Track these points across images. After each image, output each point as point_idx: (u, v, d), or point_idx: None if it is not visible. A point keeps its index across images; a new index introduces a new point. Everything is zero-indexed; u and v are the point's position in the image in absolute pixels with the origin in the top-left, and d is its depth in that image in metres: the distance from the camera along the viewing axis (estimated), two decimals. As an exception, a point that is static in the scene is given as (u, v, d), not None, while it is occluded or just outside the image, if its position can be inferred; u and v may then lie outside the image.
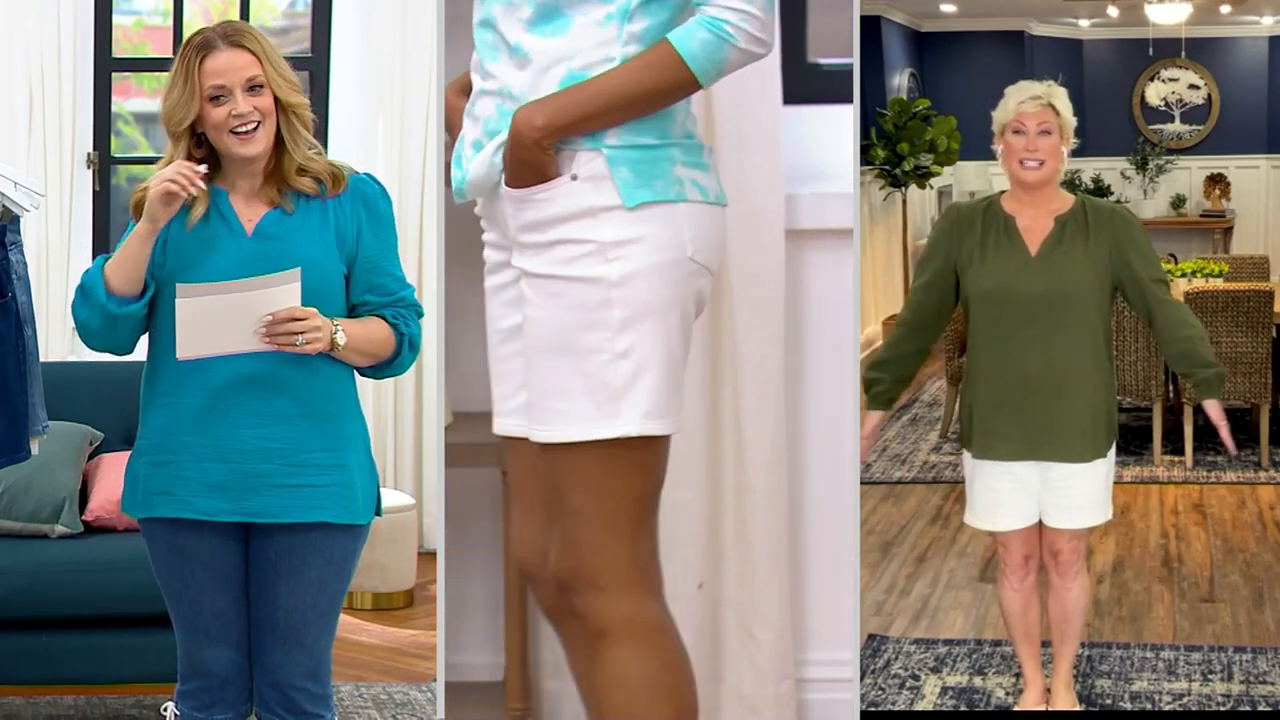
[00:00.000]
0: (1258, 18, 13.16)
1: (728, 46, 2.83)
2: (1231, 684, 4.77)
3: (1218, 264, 8.53)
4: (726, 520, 3.99)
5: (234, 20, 3.17)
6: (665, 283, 2.88)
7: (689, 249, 2.89)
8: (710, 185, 2.95)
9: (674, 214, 2.89)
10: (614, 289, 2.87)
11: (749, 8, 2.82)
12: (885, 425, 8.55)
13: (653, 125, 2.90)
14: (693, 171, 2.92)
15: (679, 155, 2.92)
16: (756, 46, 2.85)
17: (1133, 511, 6.84)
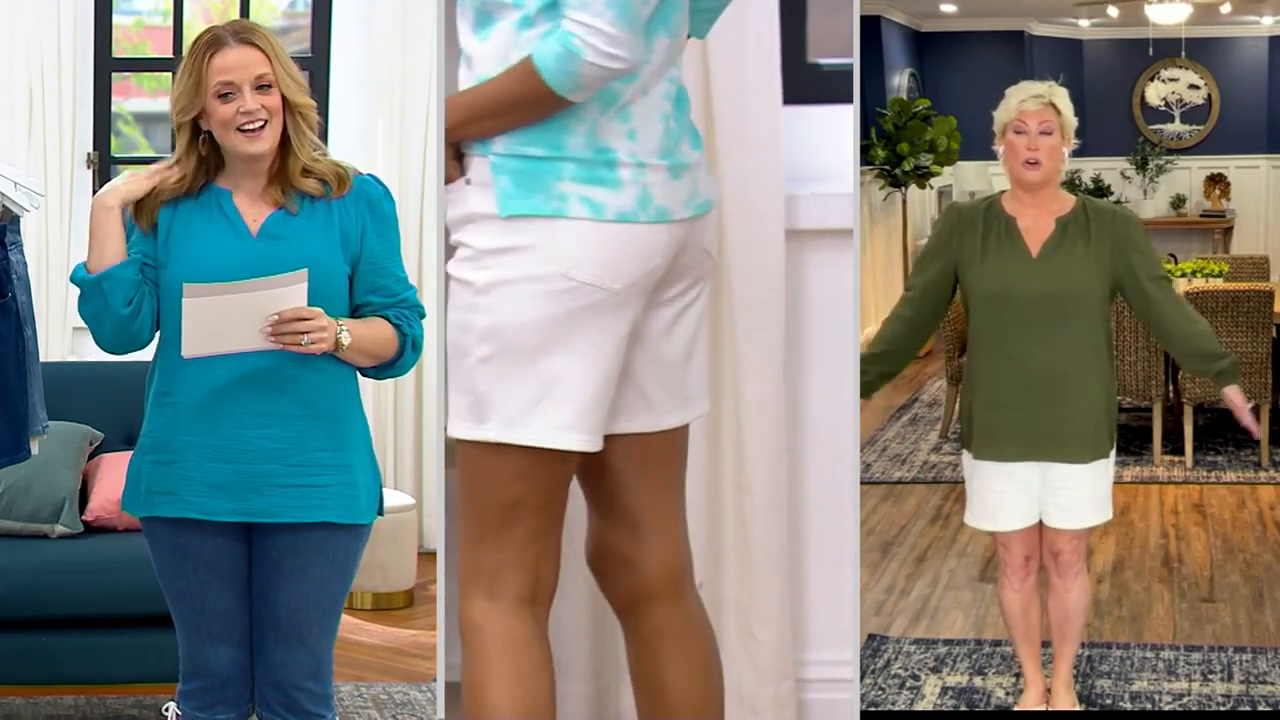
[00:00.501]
0: (1258, 18, 13.16)
1: (578, 60, 2.81)
2: (1231, 684, 4.77)
3: (1218, 264, 8.53)
4: (726, 520, 3.99)
5: (245, 19, 3.18)
6: (533, 297, 2.87)
7: (566, 265, 2.87)
8: (612, 201, 2.90)
9: (552, 229, 2.88)
10: (479, 295, 2.90)
11: (596, 22, 2.80)
12: (885, 425, 8.56)
13: (543, 136, 2.90)
14: (586, 187, 2.89)
15: (570, 169, 2.89)
16: (607, 61, 2.81)
17: (1133, 511, 6.84)
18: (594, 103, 2.91)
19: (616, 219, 2.90)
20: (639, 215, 2.92)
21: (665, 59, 2.99)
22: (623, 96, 2.92)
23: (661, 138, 2.98)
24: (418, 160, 6.45)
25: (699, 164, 3.06)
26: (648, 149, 2.95)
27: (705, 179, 3.09)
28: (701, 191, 3.06)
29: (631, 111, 2.94)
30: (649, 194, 2.94)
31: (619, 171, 2.92)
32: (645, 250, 2.94)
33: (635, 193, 2.92)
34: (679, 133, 3.02)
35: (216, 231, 3.12)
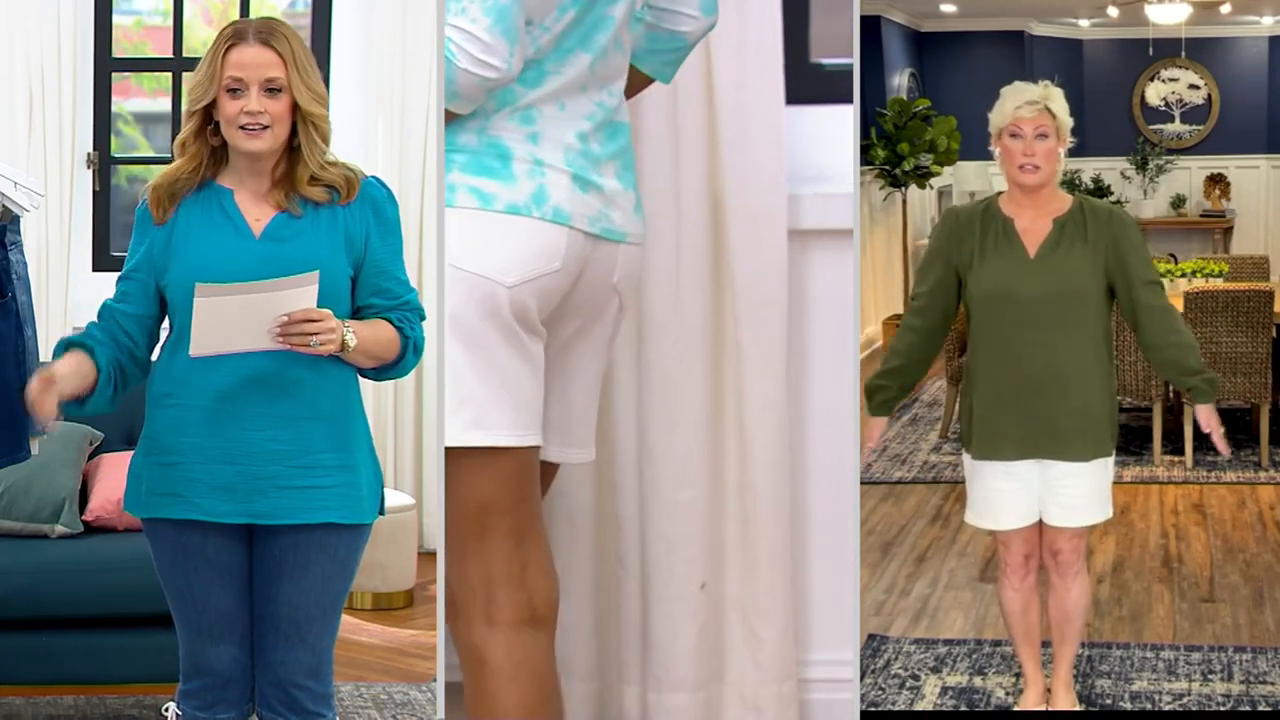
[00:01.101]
0: (1258, 18, 13.15)
1: (453, 67, 2.80)
2: (1231, 684, 4.77)
3: (1218, 264, 8.53)
4: (729, 519, 3.99)
5: (274, 18, 3.16)
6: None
7: (452, 254, 2.86)
8: (502, 193, 2.88)
9: (445, 221, 2.89)
10: None
11: (470, 28, 2.78)
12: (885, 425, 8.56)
13: (447, 133, 2.90)
14: (476, 178, 2.88)
15: (460, 160, 2.88)
16: (479, 68, 2.80)
17: (1133, 511, 6.84)
18: (491, 100, 2.89)
19: (506, 210, 2.87)
20: (532, 210, 2.88)
21: (585, 77, 2.94)
22: (522, 98, 2.90)
23: (570, 149, 2.94)
24: (418, 160, 6.45)
25: (619, 195, 3.00)
26: (551, 154, 2.91)
27: (627, 212, 3.02)
28: (615, 219, 2.99)
29: (535, 116, 2.91)
30: (546, 192, 2.89)
31: (513, 165, 2.89)
32: (541, 248, 2.89)
33: (530, 188, 2.89)
34: (601, 156, 2.98)
35: (219, 233, 3.12)
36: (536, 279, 2.88)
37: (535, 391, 2.94)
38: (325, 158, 3.15)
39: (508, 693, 2.95)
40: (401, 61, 6.46)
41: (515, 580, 2.98)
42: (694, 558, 3.96)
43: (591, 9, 2.94)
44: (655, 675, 3.93)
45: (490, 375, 2.89)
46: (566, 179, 2.90)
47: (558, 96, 2.92)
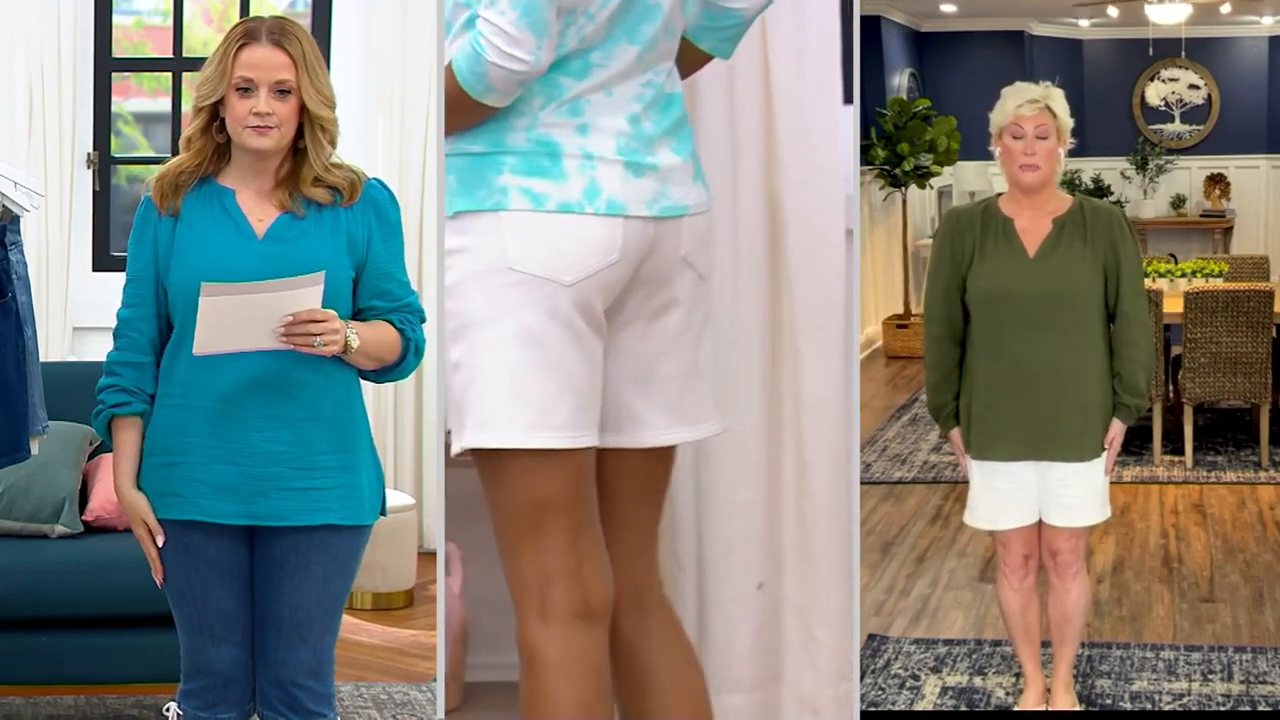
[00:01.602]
0: (1258, 18, 13.15)
1: (482, 60, 2.78)
2: (1231, 684, 4.77)
3: (1218, 264, 8.54)
4: (787, 521, 3.93)
5: (286, 18, 3.15)
6: (486, 293, 2.84)
7: (510, 257, 2.83)
8: (555, 192, 2.85)
9: (495, 222, 2.84)
10: (448, 299, 2.89)
11: (499, 21, 2.76)
12: (885, 425, 8.57)
13: (483, 132, 2.87)
14: (527, 179, 2.85)
15: (510, 162, 2.85)
16: (507, 61, 2.77)
17: (1133, 511, 6.84)
18: (537, 96, 2.86)
19: (560, 209, 2.85)
20: (585, 206, 2.85)
21: (632, 66, 2.92)
22: (569, 90, 2.87)
23: (621, 135, 2.91)
24: (418, 160, 6.45)
25: (676, 168, 2.96)
26: (602, 145, 2.89)
27: (685, 185, 2.98)
28: (673, 195, 2.95)
29: (584, 107, 2.89)
30: (598, 186, 2.87)
31: (563, 163, 2.87)
32: (597, 243, 2.86)
33: (582, 184, 2.86)
34: (654, 135, 2.94)
35: (222, 233, 3.12)
36: (595, 274, 2.86)
37: (595, 390, 2.92)
38: (330, 159, 3.15)
39: (563, 689, 2.90)
40: (401, 61, 6.46)
41: (572, 576, 2.93)
42: (751, 559, 3.90)
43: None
44: (713, 676, 3.84)
45: (553, 376, 2.85)
46: (619, 168, 2.88)
47: (605, 86, 2.90)
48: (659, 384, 3.01)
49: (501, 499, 2.92)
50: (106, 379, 3.18)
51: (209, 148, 3.14)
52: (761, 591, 3.92)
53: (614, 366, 2.97)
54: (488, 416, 2.86)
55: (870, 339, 11.05)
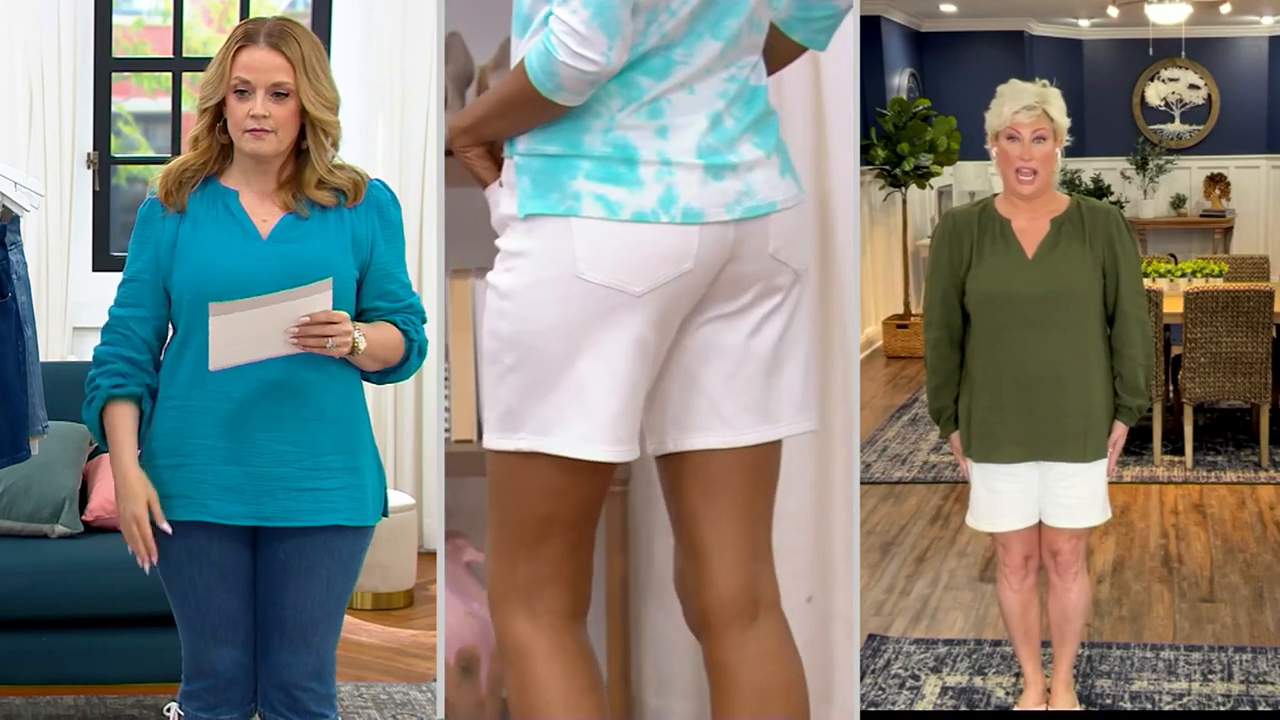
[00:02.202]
0: (1258, 18, 13.15)
1: (553, 58, 2.70)
2: (1231, 684, 4.77)
3: (1218, 264, 8.54)
4: (836, 533, 3.85)
5: (288, 19, 3.14)
6: (551, 300, 2.77)
7: (579, 266, 2.76)
8: (629, 200, 2.77)
9: (566, 228, 2.77)
10: (504, 300, 2.80)
11: (571, 20, 2.69)
12: (885, 425, 8.57)
13: (560, 134, 2.80)
14: (602, 185, 2.77)
15: (586, 166, 2.78)
16: (578, 62, 2.69)
17: (1133, 511, 6.84)
18: (615, 98, 2.79)
19: (633, 219, 2.77)
20: (660, 216, 2.78)
21: (715, 61, 2.84)
22: (649, 91, 2.80)
23: (703, 136, 2.83)
24: (418, 160, 6.45)
25: (760, 163, 2.88)
26: (681, 148, 2.81)
27: (769, 178, 2.89)
28: (759, 193, 2.87)
29: (664, 108, 2.81)
30: (674, 193, 2.79)
31: (639, 170, 2.79)
32: (670, 253, 2.79)
33: (658, 192, 2.79)
34: (737, 131, 2.86)
35: (226, 234, 3.12)
36: (667, 284, 2.80)
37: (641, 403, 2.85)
38: (332, 161, 3.15)
39: (559, 678, 2.88)
40: (401, 61, 6.46)
41: (565, 580, 2.91)
42: (800, 571, 3.81)
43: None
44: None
45: (618, 390, 2.80)
46: (698, 173, 2.81)
47: (687, 83, 2.83)
48: (747, 381, 2.93)
49: (512, 503, 2.88)
50: (95, 369, 3.15)
51: (214, 147, 3.14)
52: (809, 605, 3.85)
53: (699, 365, 2.91)
54: (549, 423, 2.80)
55: (870, 339, 11.05)
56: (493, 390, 2.85)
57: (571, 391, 2.79)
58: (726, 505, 2.94)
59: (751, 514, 2.97)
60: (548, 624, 2.90)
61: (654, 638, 3.94)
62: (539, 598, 2.90)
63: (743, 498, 2.95)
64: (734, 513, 2.95)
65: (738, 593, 2.96)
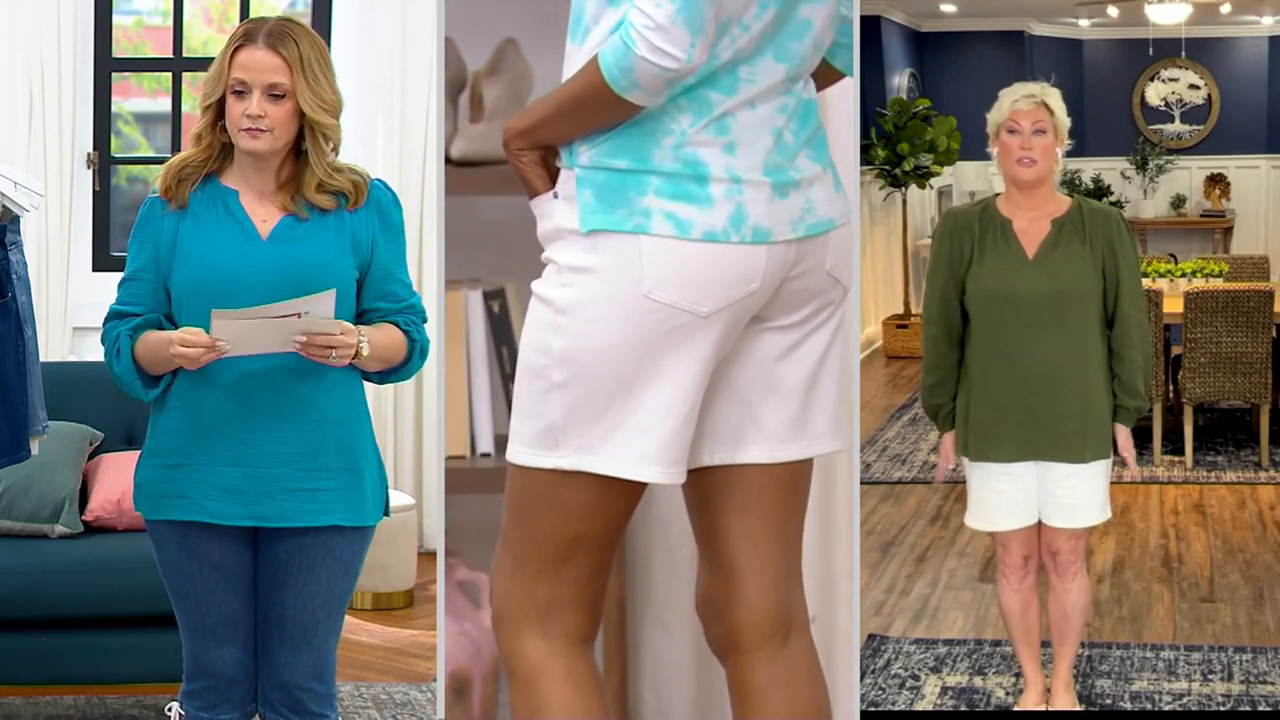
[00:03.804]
0: (1258, 18, 13.16)
1: (631, 53, 2.61)
2: (1231, 684, 4.77)
3: (1218, 264, 8.54)
4: (839, 553, 3.83)
5: (290, 19, 3.14)
6: (615, 319, 2.68)
7: (646, 285, 2.68)
8: (700, 219, 2.69)
9: (633, 245, 2.68)
10: (560, 315, 2.71)
11: (655, 13, 2.60)
12: (885, 425, 8.57)
13: (629, 147, 2.71)
14: (672, 203, 2.69)
15: (656, 183, 2.70)
16: (657, 57, 2.60)
17: (1133, 511, 6.85)
18: (686, 113, 2.72)
19: (704, 238, 2.69)
20: (730, 235, 2.71)
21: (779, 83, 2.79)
22: (718, 106, 2.73)
23: (769, 153, 2.76)
24: (418, 160, 6.45)
25: (817, 178, 2.82)
26: (749, 164, 2.74)
27: (827, 195, 2.84)
28: (819, 210, 2.81)
29: (731, 124, 2.74)
30: (744, 212, 2.72)
31: (710, 187, 2.71)
32: (739, 272, 2.73)
33: (728, 211, 2.72)
34: (795, 146, 2.80)
35: (226, 234, 3.11)
36: (734, 304, 2.74)
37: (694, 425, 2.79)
38: (332, 163, 3.14)
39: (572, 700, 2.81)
40: (401, 61, 6.46)
41: (584, 605, 2.85)
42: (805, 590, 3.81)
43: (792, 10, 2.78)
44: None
45: (676, 411, 2.74)
46: (766, 190, 2.74)
47: (751, 101, 2.76)
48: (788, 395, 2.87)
49: (540, 521, 2.80)
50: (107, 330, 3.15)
51: (216, 145, 3.14)
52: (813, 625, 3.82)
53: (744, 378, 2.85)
54: (596, 442, 2.72)
55: (870, 339, 11.05)
56: (533, 406, 2.75)
57: (626, 411, 2.72)
58: (763, 522, 2.88)
59: (786, 532, 2.92)
60: (561, 647, 2.83)
61: (653, 660, 3.91)
62: (555, 619, 2.83)
63: (779, 515, 2.90)
64: (770, 530, 2.89)
65: (771, 612, 2.91)
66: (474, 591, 3.82)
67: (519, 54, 3.73)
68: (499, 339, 3.72)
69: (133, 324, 3.12)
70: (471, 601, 3.81)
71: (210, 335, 3.00)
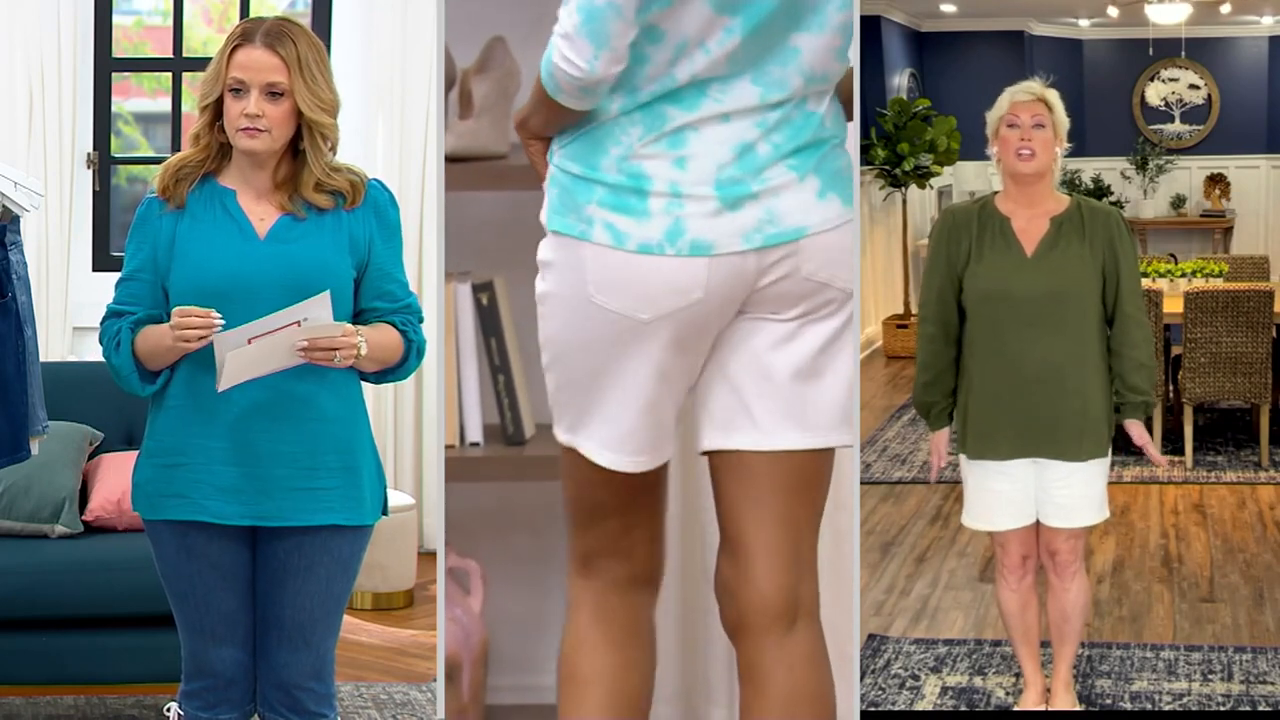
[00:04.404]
0: (1258, 18, 13.16)
1: (549, 60, 2.74)
2: (1231, 684, 4.77)
3: (1218, 264, 8.54)
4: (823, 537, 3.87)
5: (288, 19, 3.14)
6: (567, 314, 2.82)
7: (589, 289, 2.79)
8: (635, 231, 2.77)
9: (579, 250, 2.79)
10: (541, 305, 2.88)
11: (565, 22, 2.71)
12: (885, 425, 8.57)
13: (581, 155, 2.81)
14: (613, 214, 2.77)
15: (600, 193, 2.78)
16: (565, 64, 2.70)
17: (1133, 511, 6.85)
18: (638, 125, 2.79)
19: (639, 250, 2.78)
20: (665, 248, 2.78)
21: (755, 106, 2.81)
22: (673, 121, 2.78)
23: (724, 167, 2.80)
24: (418, 161, 6.45)
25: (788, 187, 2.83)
26: (697, 179, 2.79)
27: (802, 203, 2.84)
28: (783, 220, 2.82)
29: (690, 139, 2.80)
30: (682, 226, 2.78)
31: (649, 201, 2.78)
32: (677, 284, 2.79)
33: (665, 224, 2.78)
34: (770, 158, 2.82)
35: (223, 234, 3.12)
36: (674, 313, 2.81)
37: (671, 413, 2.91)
38: (330, 163, 3.14)
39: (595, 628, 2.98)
40: (402, 61, 6.46)
41: (620, 553, 3.00)
42: None
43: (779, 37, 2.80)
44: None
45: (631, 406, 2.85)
46: (711, 204, 2.79)
47: (723, 115, 2.81)
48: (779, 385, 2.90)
49: (568, 485, 2.98)
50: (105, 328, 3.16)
51: (214, 145, 3.14)
52: None
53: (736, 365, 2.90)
54: (577, 424, 2.89)
55: (870, 339, 11.05)
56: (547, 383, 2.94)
57: (595, 399, 2.86)
58: (767, 507, 2.93)
59: (793, 520, 2.95)
60: (599, 587, 3.00)
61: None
62: (594, 565, 3.01)
63: (783, 502, 2.93)
64: (775, 516, 2.94)
65: (777, 596, 2.95)
66: (463, 578, 3.86)
67: (507, 52, 3.77)
68: (487, 331, 3.80)
69: (133, 320, 3.13)
70: (461, 588, 3.84)
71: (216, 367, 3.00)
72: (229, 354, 2.99)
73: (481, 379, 3.83)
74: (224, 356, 2.99)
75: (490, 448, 3.83)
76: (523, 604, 4.12)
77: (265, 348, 3.00)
